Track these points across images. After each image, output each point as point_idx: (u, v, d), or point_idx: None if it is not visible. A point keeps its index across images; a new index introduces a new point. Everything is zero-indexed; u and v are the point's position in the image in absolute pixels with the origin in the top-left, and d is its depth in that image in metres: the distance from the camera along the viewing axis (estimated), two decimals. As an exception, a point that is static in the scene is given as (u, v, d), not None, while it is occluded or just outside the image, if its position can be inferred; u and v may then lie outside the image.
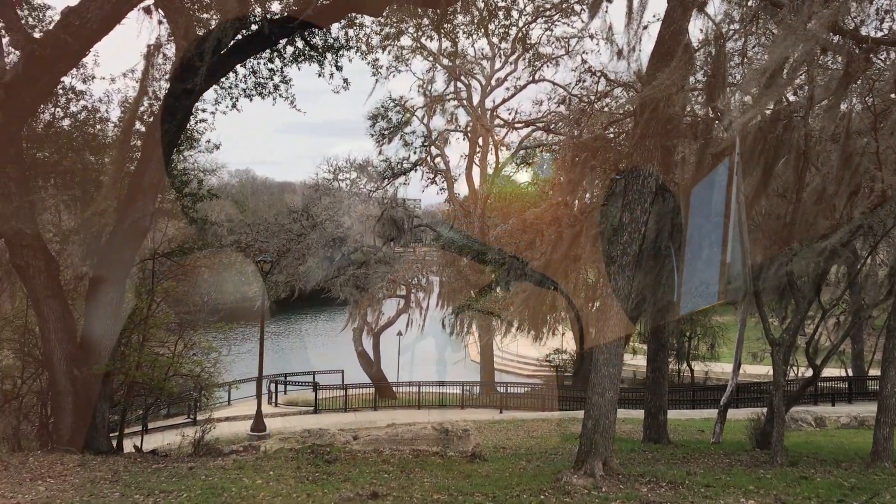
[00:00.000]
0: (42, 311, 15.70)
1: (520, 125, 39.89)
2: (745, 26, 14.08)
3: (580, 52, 33.41)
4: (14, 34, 12.59)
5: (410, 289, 40.49)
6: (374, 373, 38.88)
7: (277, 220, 45.84)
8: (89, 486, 10.16)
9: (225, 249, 28.21)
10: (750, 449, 17.14)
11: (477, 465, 13.32)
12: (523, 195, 38.06)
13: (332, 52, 17.69)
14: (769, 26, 14.08)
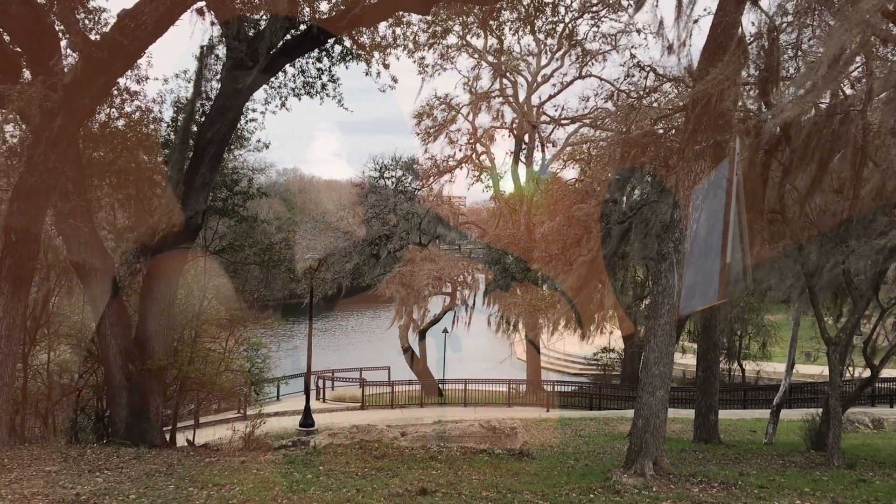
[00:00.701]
0: (98, 307, 16.08)
1: (566, 122, 39.68)
2: (799, 18, 13.75)
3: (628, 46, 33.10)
4: (73, 37, 12.92)
5: (456, 286, 40.53)
6: (420, 370, 39.03)
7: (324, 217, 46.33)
8: (145, 478, 10.38)
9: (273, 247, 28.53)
10: (804, 450, 16.78)
11: (525, 462, 13.28)
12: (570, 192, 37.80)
13: (379, 51, 17.77)
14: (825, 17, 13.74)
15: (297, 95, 18.63)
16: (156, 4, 11.91)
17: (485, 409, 32.35)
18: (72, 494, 9.07)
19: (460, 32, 23.07)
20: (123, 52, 12.24)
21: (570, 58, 37.93)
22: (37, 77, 12.93)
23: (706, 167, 11.73)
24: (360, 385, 35.93)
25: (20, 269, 12.83)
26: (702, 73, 11.50)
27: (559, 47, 36.91)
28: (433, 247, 39.92)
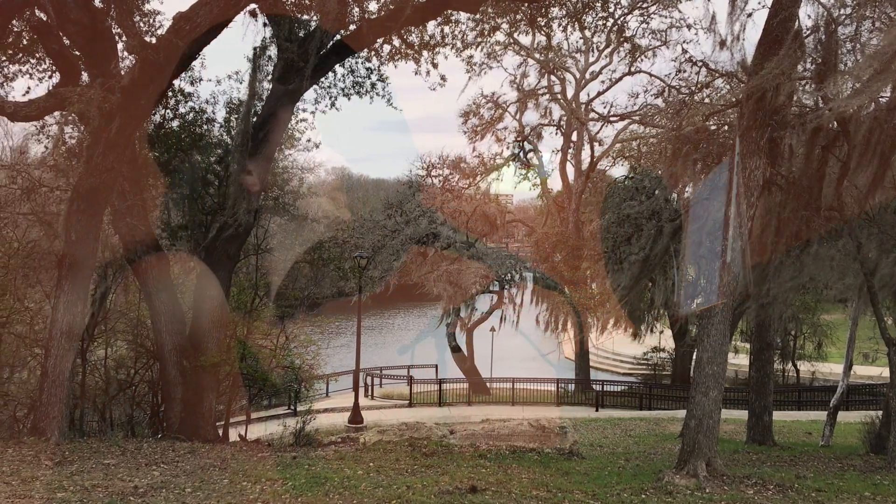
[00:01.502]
0: (154, 304, 16.46)
1: (615, 118, 39.24)
2: (858, 10, 13.38)
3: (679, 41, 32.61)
4: (130, 40, 13.23)
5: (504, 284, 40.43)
6: (468, 368, 39.03)
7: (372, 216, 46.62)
8: (200, 472, 10.59)
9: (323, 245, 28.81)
10: (863, 453, 16.35)
11: (575, 462, 13.20)
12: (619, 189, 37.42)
13: (427, 50, 17.81)
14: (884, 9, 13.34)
15: (346, 95, 18.75)
16: (210, 7, 12.14)
17: (532, 407, 32.21)
18: (130, 487, 9.30)
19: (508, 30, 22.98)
20: (179, 54, 12.50)
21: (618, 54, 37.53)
22: (95, 80, 13.28)
23: (761, 163, 11.49)
24: (407, 383, 36.09)
25: (80, 268, 13.18)
26: (757, 67, 11.27)
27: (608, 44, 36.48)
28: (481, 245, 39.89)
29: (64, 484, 9.34)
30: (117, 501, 8.49)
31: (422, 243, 38.80)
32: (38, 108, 13.02)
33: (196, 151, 18.87)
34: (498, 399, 35.56)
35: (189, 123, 18.88)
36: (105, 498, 8.59)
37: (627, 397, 34.93)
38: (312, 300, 35.14)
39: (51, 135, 19.18)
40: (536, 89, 40.31)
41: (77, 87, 12.93)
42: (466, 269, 37.95)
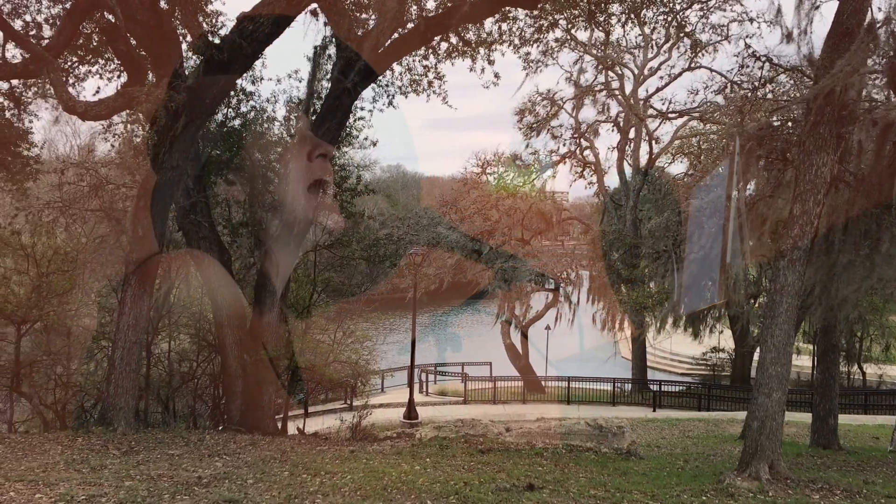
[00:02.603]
0: (215, 298, 16.83)
1: (674, 115, 38.64)
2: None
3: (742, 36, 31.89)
4: (195, 40, 13.55)
5: (559, 283, 40.14)
6: (523, 366, 38.87)
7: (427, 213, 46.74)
8: (261, 464, 10.79)
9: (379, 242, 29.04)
10: (934, 459, 15.81)
11: (633, 462, 13.06)
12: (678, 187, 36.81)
13: (484, 47, 17.80)
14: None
15: (403, 93, 18.89)
16: (272, 6, 12.34)
17: (588, 407, 31.95)
18: (194, 477, 9.52)
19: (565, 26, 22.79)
20: (242, 53, 12.75)
21: (677, 49, 36.90)
22: (161, 79, 13.64)
23: (829, 160, 11.17)
24: (462, 380, 36.15)
25: (146, 263, 13.55)
26: (825, 62, 10.96)
27: (667, 39, 35.88)
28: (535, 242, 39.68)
29: (131, 473, 9.61)
30: (182, 491, 8.70)
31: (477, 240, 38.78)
32: (107, 108, 13.41)
33: (257, 149, 19.21)
34: (553, 398, 35.37)
35: (250, 122, 19.23)
36: (171, 487, 8.81)
37: (685, 398, 34.37)
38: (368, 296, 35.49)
39: (117, 133, 19.76)
40: (593, 86, 39.89)
41: (144, 86, 13.27)
42: (521, 267, 37.79)
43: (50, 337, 17.39)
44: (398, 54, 16.87)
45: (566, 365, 39.68)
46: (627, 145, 40.08)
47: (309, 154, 16.29)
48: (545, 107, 39.92)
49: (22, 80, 16.71)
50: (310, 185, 16.41)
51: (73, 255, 17.58)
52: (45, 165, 20.59)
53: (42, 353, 17.06)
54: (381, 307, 38.70)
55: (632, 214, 37.78)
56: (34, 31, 15.78)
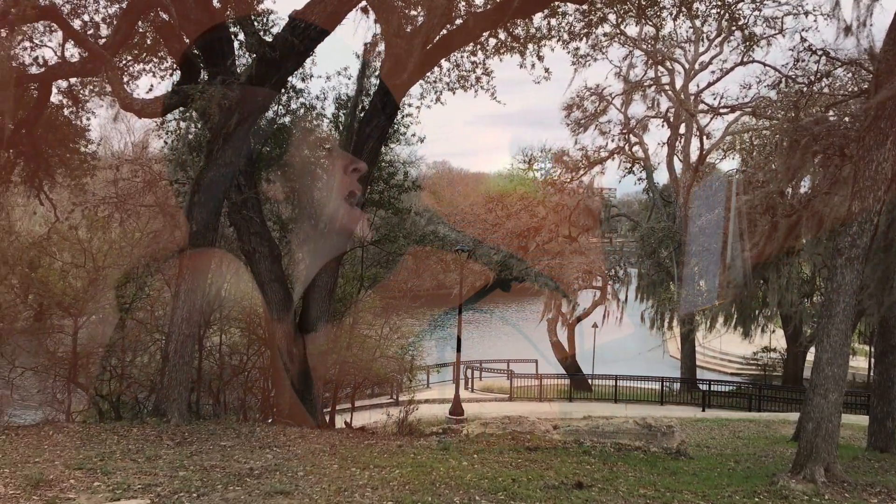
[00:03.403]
0: (266, 293, 17.05)
1: (725, 110, 37.95)
2: None
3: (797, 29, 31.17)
4: (249, 38, 13.76)
5: (607, 280, 39.81)
6: (569, 364, 38.68)
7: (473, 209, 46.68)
8: (310, 456, 10.92)
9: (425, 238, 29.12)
10: None
11: (682, 462, 12.88)
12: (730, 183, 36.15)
13: (533, 43, 17.70)
14: None
15: (451, 89, 18.86)
16: (324, 4, 12.46)
17: (636, 405, 31.65)
18: (246, 468, 9.68)
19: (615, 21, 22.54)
20: (294, 51, 12.89)
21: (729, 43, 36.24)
22: (214, 77, 13.86)
23: (889, 155, 10.86)
24: (507, 377, 36.09)
25: (199, 257, 13.80)
26: (887, 54, 10.65)
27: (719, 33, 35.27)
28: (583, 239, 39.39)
29: (185, 463, 9.81)
30: (234, 482, 8.86)
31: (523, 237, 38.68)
32: (162, 105, 13.68)
33: (306, 146, 19.41)
34: (599, 396, 35.11)
35: (300, 119, 19.43)
36: (223, 478, 8.98)
37: (735, 398, 33.80)
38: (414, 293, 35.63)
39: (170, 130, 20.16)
40: (643, 81, 39.43)
41: (198, 84, 13.50)
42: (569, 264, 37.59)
43: (105, 329, 17.80)
44: (446, 51, 16.87)
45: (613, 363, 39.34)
46: (678, 141, 39.51)
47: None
48: (593, 102, 39.58)
49: (80, 78, 17.16)
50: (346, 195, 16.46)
51: (127, 250, 17.99)
52: (101, 162, 21.13)
53: (98, 345, 17.47)
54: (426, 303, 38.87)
55: (682, 211, 37.24)
56: (92, 31, 16.16)
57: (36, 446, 10.70)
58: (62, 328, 17.09)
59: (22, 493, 7.94)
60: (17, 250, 16.78)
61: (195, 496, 8.14)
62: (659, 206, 40.07)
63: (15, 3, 11.44)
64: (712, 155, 39.03)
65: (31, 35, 15.84)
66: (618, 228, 46.07)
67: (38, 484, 8.24)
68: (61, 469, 9.08)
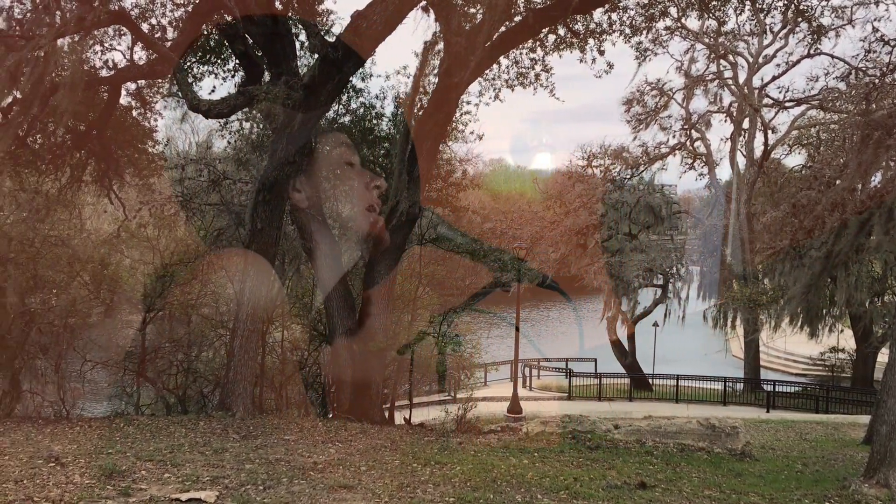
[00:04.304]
0: (326, 290, 17.26)
1: (791, 104, 36.93)
2: None
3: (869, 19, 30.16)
4: (311, 39, 13.95)
5: (668, 278, 39.18)
6: (629, 363, 38.22)
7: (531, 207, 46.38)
8: (372, 451, 11.03)
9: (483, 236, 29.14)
10: None
11: (747, 464, 12.62)
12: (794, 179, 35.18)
13: (594, 38, 17.53)
14: None
15: (510, 87, 18.79)
16: (386, 4, 12.55)
17: (697, 406, 31.09)
18: (309, 462, 9.83)
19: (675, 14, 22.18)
20: (355, 51, 13.02)
21: (794, 35, 35.24)
22: (277, 78, 14.10)
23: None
24: (566, 375, 35.85)
25: (263, 255, 14.06)
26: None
27: (784, 25, 34.31)
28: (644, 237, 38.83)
29: (251, 456, 10.01)
30: (299, 475, 9.00)
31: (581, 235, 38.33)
32: (228, 106, 13.97)
33: (365, 145, 19.59)
34: (660, 396, 34.62)
35: (359, 118, 19.62)
36: (288, 471, 9.13)
37: (801, 399, 32.89)
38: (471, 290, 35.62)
39: (233, 130, 20.57)
40: (705, 75, 38.65)
41: (262, 85, 13.75)
42: (629, 262, 37.12)
43: (172, 325, 18.28)
44: (505, 47, 16.82)
45: (674, 362, 38.75)
46: (741, 136, 38.63)
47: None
48: (654, 98, 38.96)
49: (147, 80, 17.65)
50: (416, 179, 16.64)
51: (193, 247, 18.43)
52: (168, 162, 21.69)
53: (165, 341, 17.96)
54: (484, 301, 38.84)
55: (745, 208, 36.40)
56: (159, 34, 16.61)
57: (108, 438, 11.05)
58: (131, 324, 17.60)
59: (97, 482, 8.20)
60: (88, 248, 17.32)
61: (261, 489, 8.30)
62: (721, 203, 39.24)
63: (91, 9, 11.82)
64: (777, 150, 38.04)
65: (102, 39, 16.37)
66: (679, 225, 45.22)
67: (112, 474, 8.50)
68: (133, 460, 9.35)
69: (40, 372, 16.08)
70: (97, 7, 11.96)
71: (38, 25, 12.02)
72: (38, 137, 16.56)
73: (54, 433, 11.42)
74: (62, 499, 7.50)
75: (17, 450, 9.81)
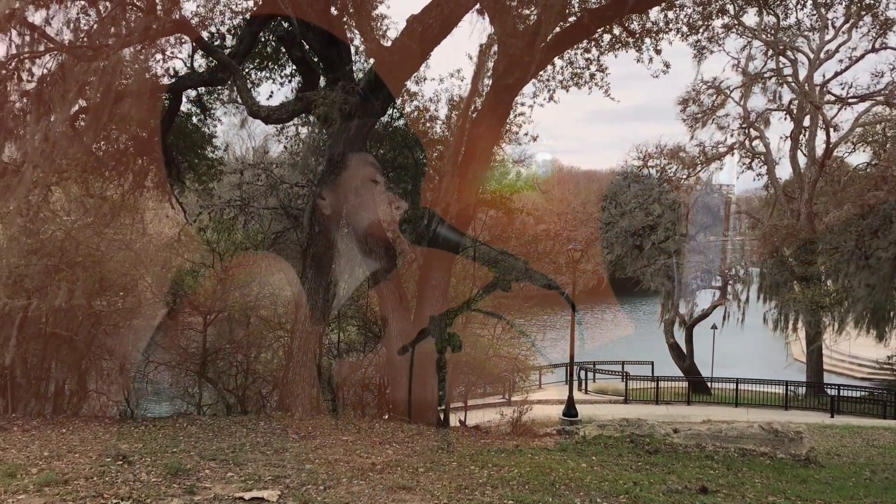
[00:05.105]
0: (381, 292, 17.39)
1: (854, 100, 35.89)
2: None
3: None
4: (368, 44, 14.11)
5: (727, 280, 38.41)
6: (687, 366, 37.58)
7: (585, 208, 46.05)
8: (429, 453, 11.07)
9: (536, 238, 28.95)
10: None
11: (812, 470, 12.29)
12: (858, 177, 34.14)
13: (651, 37, 17.32)
14: None
15: (565, 87, 18.69)
16: (441, 8, 12.61)
17: (758, 410, 30.40)
18: (368, 463, 9.91)
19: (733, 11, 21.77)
20: (411, 55, 13.10)
21: (858, 30, 34.28)
22: (333, 83, 14.27)
23: None
24: (622, 378, 35.43)
25: (322, 257, 14.24)
26: None
27: (847, 19, 33.40)
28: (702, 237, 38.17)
29: (310, 456, 10.14)
30: (358, 476, 9.07)
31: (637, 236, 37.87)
32: (287, 112, 14.19)
33: (419, 148, 19.68)
34: (719, 399, 33.96)
35: (413, 121, 19.71)
36: (347, 472, 9.22)
37: (868, 404, 31.90)
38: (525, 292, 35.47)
39: (290, 135, 20.89)
40: (763, 72, 37.85)
41: (319, 90, 13.94)
42: (686, 263, 36.53)
43: (232, 326, 18.62)
44: (560, 48, 16.72)
45: (734, 366, 37.95)
46: (801, 134, 37.68)
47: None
48: (710, 96, 38.32)
49: (207, 87, 18.04)
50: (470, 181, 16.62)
51: (251, 251, 18.76)
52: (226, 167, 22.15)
53: (225, 342, 18.31)
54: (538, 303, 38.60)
55: (806, 208, 35.47)
56: (218, 42, 16.98)
57: (172, 437, 11.33)
58: (192, 325, 17.99)
59: (163, 481, 8.41)
60: (150, 252, 17.76)
61: (322, 489, 8.40)
62: (781, 203, 38.32)
63: (155, 19, 12.14)
64: (840, 148, 36.97)
65: (164, 48, 16.81)
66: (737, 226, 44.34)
67: (177, 473, 8.70)
68: (197, 459, 9.56)
69: (106, 372, 16.53)
70: (161, 17, 12.28)
71: (105, 36, 12.39)
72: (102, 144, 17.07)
73: (121, 432, 11.75)
74: (130, 496, 7.70)
75: (86, 448, 10.13)
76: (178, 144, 18.26)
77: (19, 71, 12.06)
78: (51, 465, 8.98)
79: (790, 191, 38.53)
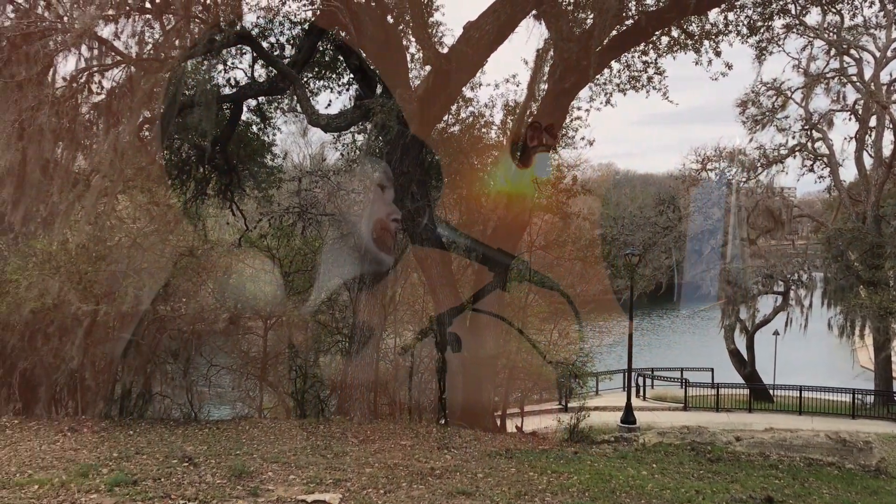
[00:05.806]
0: (437, 296, 17.47)
1: (923, 99, 34.70)
2: None
3: None
4: (425, 51, 14.21)
5: (790, 285, 37.45)
6: (748, 373, 36.72)
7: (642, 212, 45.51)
8: (487, 459, 11.09)
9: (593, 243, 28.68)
10: None
11: (883, 481, 11.92)
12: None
13: (710, 39, 17.06)
14: None
15: (622, 90, 18.53)
16: (497, 14, 12.64)
17: (822, 418, 29.51)
18: (427, 468, 9.97)
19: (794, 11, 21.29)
20: (468, 61, 13.16)
21: (928, 25, 33.17)
22: (392, 91, 14.41)
23: None
24: (681, 385, 34.81)
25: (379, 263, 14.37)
26: None
27: (915, 14, 32.33)
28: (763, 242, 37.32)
29: (370, 460, 10.26)
30: (418, 480, 9.15)
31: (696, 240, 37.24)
32: (346, 120, 14.39)
33: (474, 154, 19.70)
34: (781, 407, 33.07)
35: (468, 127, 19.73)
36: (407, 476, 9.30)
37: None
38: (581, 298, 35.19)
39: (346, 143, 21.14)
40: (825, 73, 36.84)
41: (376, 98, 14.09)
42: (747, 268, 35.74)
43: (291, 331, 18.91)
44: (617, 51, 16.61)
45: (796, 373, 36.96)
46: (867, 135, 36.55)
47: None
48: (770, 98, 37.45)
49: (267, 96, 18.41)
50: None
51: (310, 257, 19.04)
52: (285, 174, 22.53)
53: (285, 346, 18.60)
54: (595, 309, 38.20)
55: (873, 210, 34.37)
56: (277, 52, 17.31)
57: (235, 440, 11.57)
58: (253, 329, 18.33)
59: (227, 482, 8.60)
60: (212, 258, 18.17)
61: (382, 492, 8.49)
62: (846, 206, 37.20)
63: (218, 31, 12.46)
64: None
65: (225, 58, 17.21)
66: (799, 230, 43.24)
67: (241, 475, 8.89)
68: (259, 461, 9.76)
69: (170, 376, 16.96)
70: (224, 29, 12.58)
71: (170, 48, 12.76)
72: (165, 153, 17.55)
73: (185, 434, 12.05)
74: (197, 497, 7.90)
75: (153, 449, 10.42)
76: (238, 153, 18.65)
77: (89, 83, 12.49)
78: (120, 465, 9.27)
79: (855, 193, 37.38)
